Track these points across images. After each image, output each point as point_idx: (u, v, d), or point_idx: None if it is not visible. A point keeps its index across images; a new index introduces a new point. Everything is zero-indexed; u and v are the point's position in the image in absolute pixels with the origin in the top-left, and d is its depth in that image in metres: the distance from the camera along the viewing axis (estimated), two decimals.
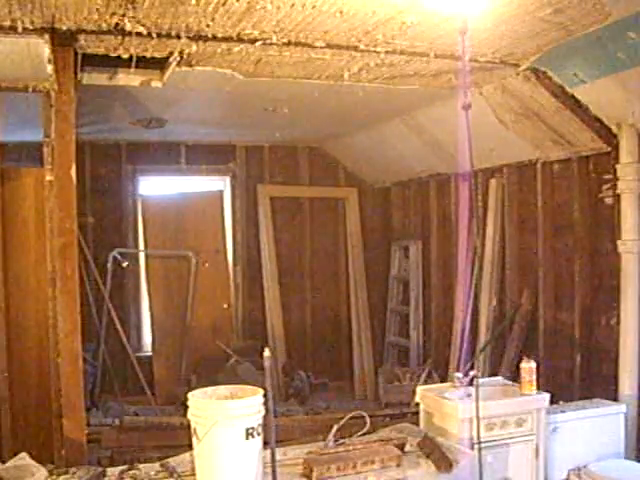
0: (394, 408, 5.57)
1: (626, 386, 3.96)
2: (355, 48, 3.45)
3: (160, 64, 3.61)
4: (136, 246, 6.67)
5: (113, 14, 2.87)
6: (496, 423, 3.32)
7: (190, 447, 2.64)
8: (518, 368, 3.55)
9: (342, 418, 3.16)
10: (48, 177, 3.35)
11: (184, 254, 6.48)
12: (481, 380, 3.36)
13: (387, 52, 3.52)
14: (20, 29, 2.96)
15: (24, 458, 2.80)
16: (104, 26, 3.02)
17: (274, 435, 2.57)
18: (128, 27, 3.02)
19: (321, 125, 6.02)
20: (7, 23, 2.91)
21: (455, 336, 5.71)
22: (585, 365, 4.57)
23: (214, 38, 3.23)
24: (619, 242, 4.07)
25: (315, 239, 7.23)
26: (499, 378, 3.86)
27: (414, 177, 6.56)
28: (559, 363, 4.76)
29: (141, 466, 2.83)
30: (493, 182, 5.42)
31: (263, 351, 2.62)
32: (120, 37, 3.13)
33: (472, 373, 3.42)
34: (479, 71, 3.88)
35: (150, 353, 6.52)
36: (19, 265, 3.74)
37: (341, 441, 3.01)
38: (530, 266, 5.09)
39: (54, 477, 2.68)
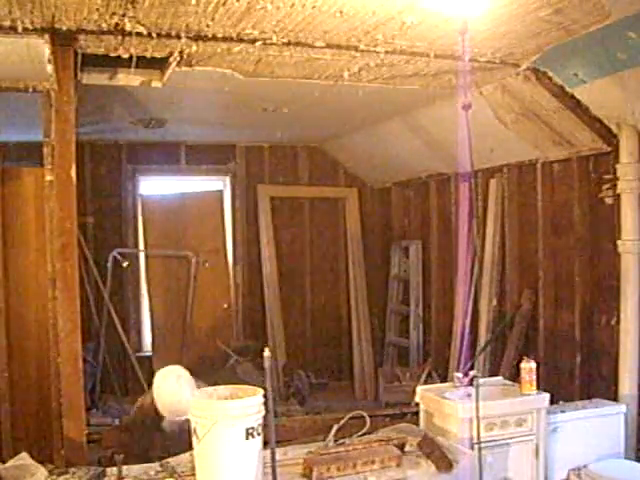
0: (394, 408, 5.56)
1: (626, 386, 3.96)
2: (355, 48, 3.45)
3: (160, 64, 3.61)
4: (136, 246, 6.67)
5: (113, 14, 2.88)
6: (496, 423, 3.32)
7: (190, 447, 2.64)
8: (518, 368, 3.55)
9: (342, 418, 3.16)
10: (48, 177, 3.35)
11: (184, 254, 6.48)
12: (481, 380, 3.36)
13: (387, 52, 3.52)
14: (20, 29, 2.96)
15: (24, 458, 2.80)
16: (104, 26, 3.02)
17: (274, 435, 2.57)
18: (128, 27, 3.02)
19: (321, 125, 6.02)
20: (7, 23, 2.91)
21: (455, 336, 5.71)
22: (585, 365, 4.57)
23: (214, 38, 3.23)
24: (619, 242, 4.07)
25: (315, 239, 7.24)
26: (499, 378, 3.86)
27: (414, 177, 6.56)
28: (559, 363, 4.76)
29: (141, 466, 2.83)
30: (493, 182, 5.42)
31: (263, 351, 2.62)
32: (120, 37, 3.13)
33: (472, 373, 3.42)
34: (479, 71, 3.88)
35: (150, 353, 6.53)
36: (19, 265, 3.74)
37: (341, 441, 3.01)
38: (530, 266, 5.09)
39: (54, 477, 2.67)
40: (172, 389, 3.32)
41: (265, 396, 2.59)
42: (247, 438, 2.50)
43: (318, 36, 3.28)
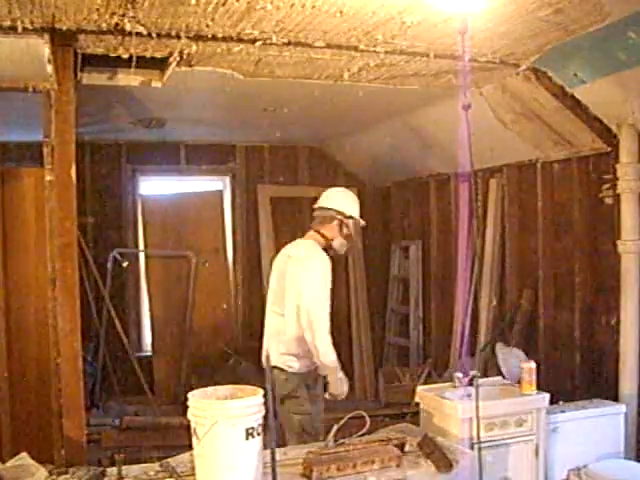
0: (394, 408, 5.57)
1: (626, 386, 3.96)
2: (355, 48, 3.45)
3: (160, 64, 3.61)
4: (136, 246, 6.67)
5: (113, 14, 2.88)
6: (496, 423, 3.32)
7: (190, 447, 2.63)
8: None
9: (342, 418, 3.16)
10: (48, 177, 3.35)
11: (184, 254, 6.47)
12: (481, 380, 3.36)
13: (387, 52, 3.52)
14: (20, 29, 2.96)
15: (24, 458, 2.80)
16: (104, 26, 3.02)
17: (274, 435, 2.57)
18: (128, 27, 3.02)
19: (321, 125, 6.02)
20: (7, 23, 2.91)
21: (455, 336, 5.71)
22: (585, 365, 4.57)
23: (214, 38, 3.23)
24: (619, 242, 4.07)
25: None
26: (499, 378, 3.86)
27: (414, 177, 6.56)
28: (559, 363, 4.76)
29: (141, 466, 2.83)
30: (493, 182, 5.42)
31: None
32: (120, 37, 3.13)
33: (472, 373, 3.42)
34: (479, 71, 3.88)
35: (150, 353, 6.52)
36: (19, 265, 3.74)
37: (341, 441, 3.00)
38: (530, 266, 5.09)
39: (54, 477, 2.67)
40: None
41: (265, 396, 2.59)
42: (247, 438, 2.50)
43: (318, 36, 3.28)
